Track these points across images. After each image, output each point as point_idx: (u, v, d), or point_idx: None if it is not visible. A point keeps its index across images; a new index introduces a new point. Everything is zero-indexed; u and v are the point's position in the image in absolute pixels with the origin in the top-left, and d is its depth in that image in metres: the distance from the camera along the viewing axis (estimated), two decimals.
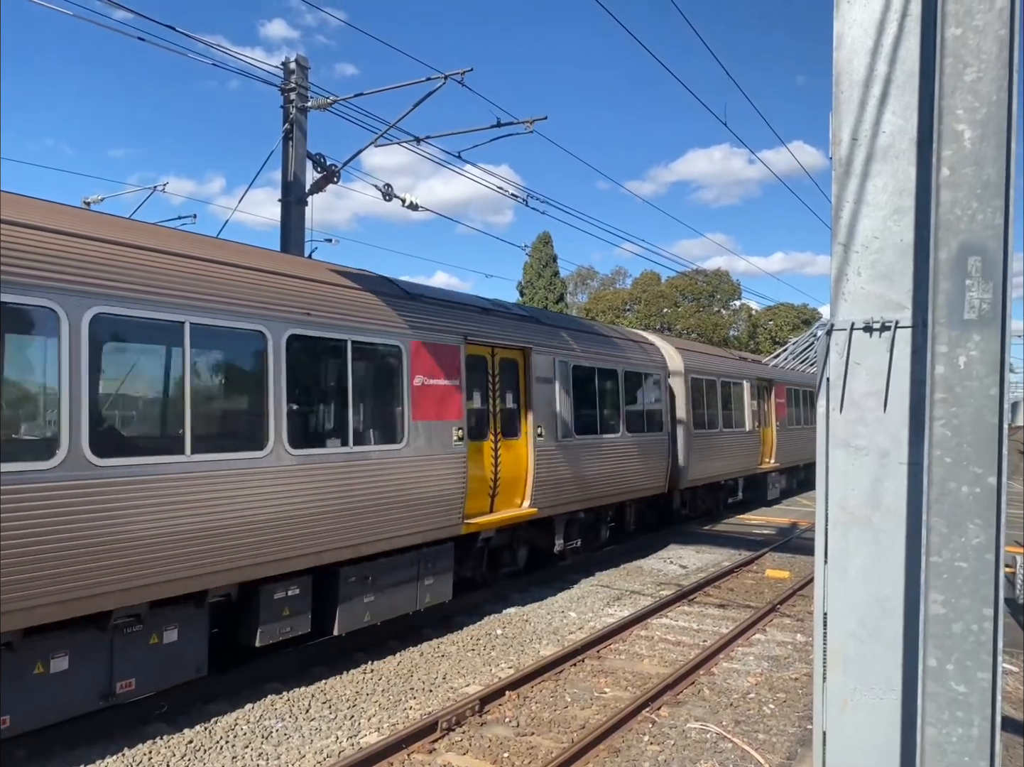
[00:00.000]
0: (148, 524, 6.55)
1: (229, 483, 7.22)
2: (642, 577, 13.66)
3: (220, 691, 7.76)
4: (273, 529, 7.55)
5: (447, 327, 10.13)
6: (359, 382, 8.77)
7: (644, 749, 6.73)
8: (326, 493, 8.14)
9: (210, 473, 7.06)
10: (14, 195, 6.36)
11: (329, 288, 8.64)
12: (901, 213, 3.73)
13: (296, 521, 7.79)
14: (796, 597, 12.11)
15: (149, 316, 6.72)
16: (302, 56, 13.72)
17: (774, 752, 6.72)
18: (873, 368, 3.82)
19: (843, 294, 3.89)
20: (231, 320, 7.39)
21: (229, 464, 7.25)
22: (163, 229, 8.08)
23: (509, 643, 9.66)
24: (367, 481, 8.64)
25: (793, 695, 8.06)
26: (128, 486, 6.44)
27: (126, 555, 6.38)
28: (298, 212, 13.84)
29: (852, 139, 3.83)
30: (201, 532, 6.94)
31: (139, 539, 6.48)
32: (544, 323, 12.95)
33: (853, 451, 3.86)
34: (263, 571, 7.54)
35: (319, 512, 8.04)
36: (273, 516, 7.56)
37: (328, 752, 6.56)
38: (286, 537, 7.69)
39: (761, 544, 16.94)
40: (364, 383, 8.93)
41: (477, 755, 6.56)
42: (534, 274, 54.82)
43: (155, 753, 6.46)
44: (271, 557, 7.56)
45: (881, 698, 3.67)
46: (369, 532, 8.64)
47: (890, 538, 3.73)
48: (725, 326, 64.90)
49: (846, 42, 3.85)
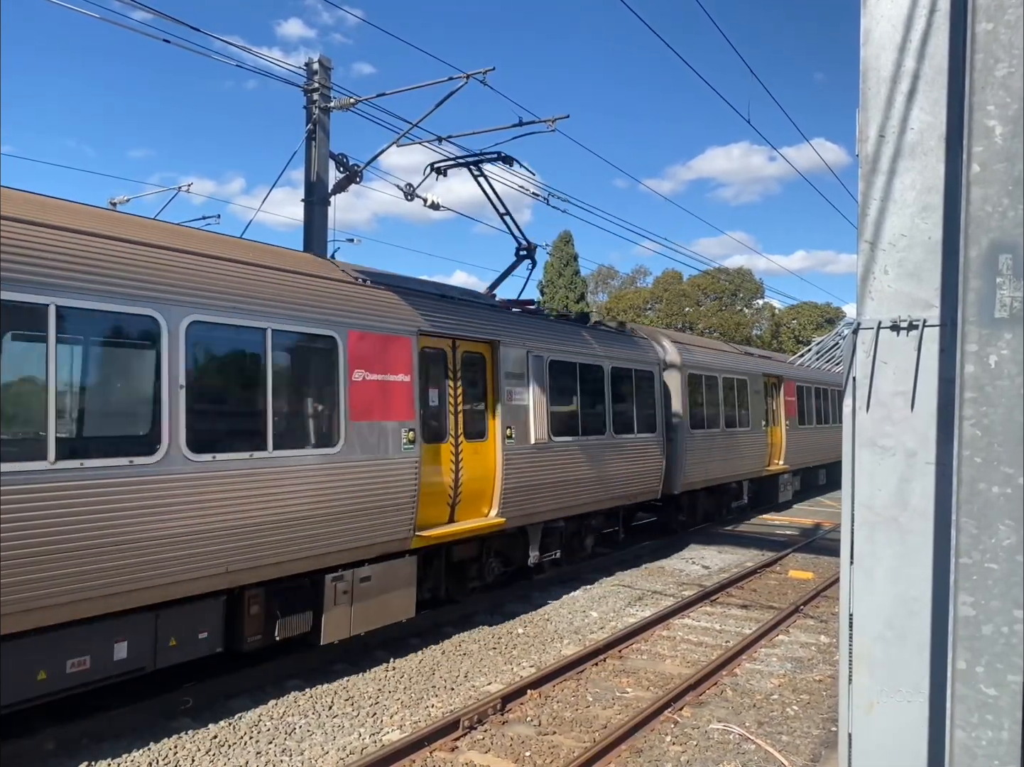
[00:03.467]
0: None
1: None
2: (664, 577, 13.61)
3: (244, 687, 7.83)
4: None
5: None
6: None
7: (666, 749, 6.71)
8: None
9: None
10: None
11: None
12: (929, 210, 3.68)
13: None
14: (820, 598, 12.01)
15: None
16: (325, 56, 13.78)
17: (798, 754, 6.67)
18: (900, 367, 3.77)
19: (870, 292, 3.84)
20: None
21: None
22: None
23: (530, 642, 9.66)
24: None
25: (817, 697, 8.00)
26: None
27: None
28: (321, 212, 13.91)
29: (879, 136, 3.79)
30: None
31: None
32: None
33: (879, 451, 3.82)
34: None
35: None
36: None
37: (351, 749, 6.60)
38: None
39: (784, 545, 16.82)
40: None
41: (499, 754, 6.57)
42: (555, 273, 54.74)
43: (180, 747, 6.53)
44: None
45: (908, 701, 3.63)
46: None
47: (917, 539, 3.68)
48: (748, 325, 64.50)
49: (873, 37, 3.81)
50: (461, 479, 10.12)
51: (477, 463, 10.40)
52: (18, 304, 5.80)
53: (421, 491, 9.13)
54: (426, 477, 9.33)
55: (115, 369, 6.98)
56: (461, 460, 10.14)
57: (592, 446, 12.75)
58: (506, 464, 10.62)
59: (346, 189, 14.19)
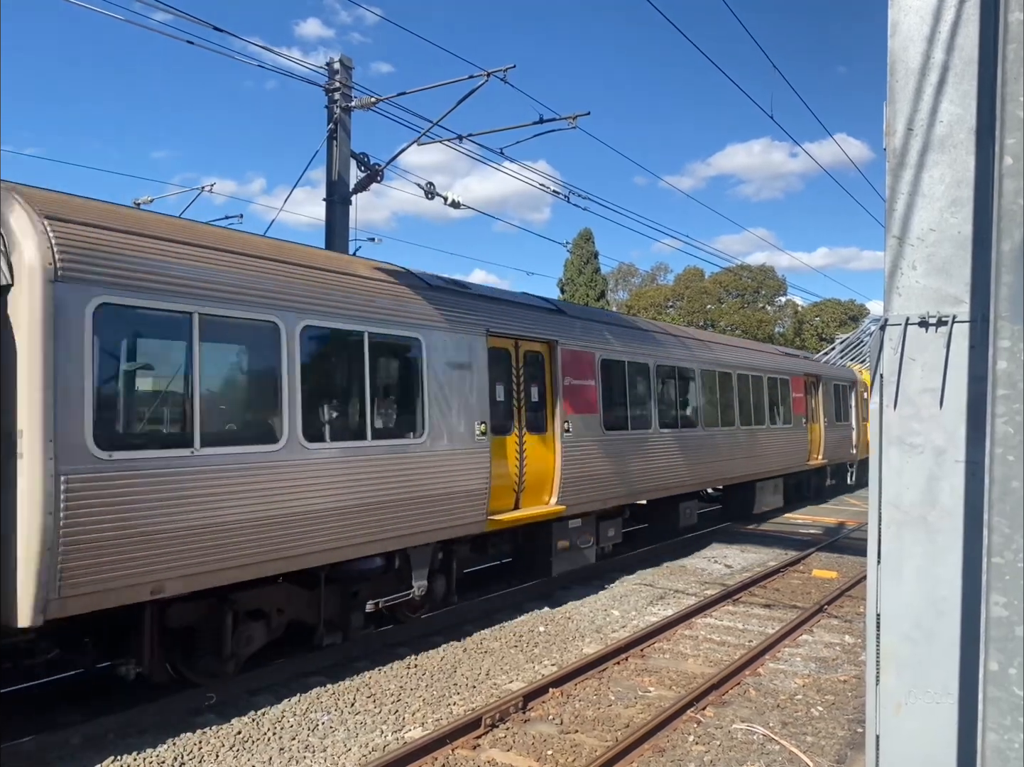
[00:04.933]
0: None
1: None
2: (686, 576, 13.54)
3: (267, 684, 7.88)
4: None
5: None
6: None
7: (689, 749, 6.67)
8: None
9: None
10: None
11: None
12: (959, 204, 3.62)
13: None
14: (844, 598, 11.89)
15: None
16: (346, 56, 13.84)
17: (823, 755, 6.61)
18: (929, 364, 3.72)
19: (897, 288, 3.79)
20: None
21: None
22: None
23: (552, 640, 9.64)
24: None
25: (842, 697, 7.92)
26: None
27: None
28: (342, 211, 13.97)
29: (907, 129, 3.73)
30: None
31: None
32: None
33: (907, 448, 3.77)
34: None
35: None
36: None
37: (373, 746, 6.61)
38: None
39: (807, 544, 16.68)
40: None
41: (521, 752, 6.57)
42: (575, 271, 54.69)
43: (205, 743, 6.58)
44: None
45: (937, 702, 3.58)
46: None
47: (946, 538, 3.63)
48: (770, 323, 64.04)
49: (901, 29, 3.75)
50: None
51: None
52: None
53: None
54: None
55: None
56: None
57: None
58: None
59: (367, 188, 14.24)
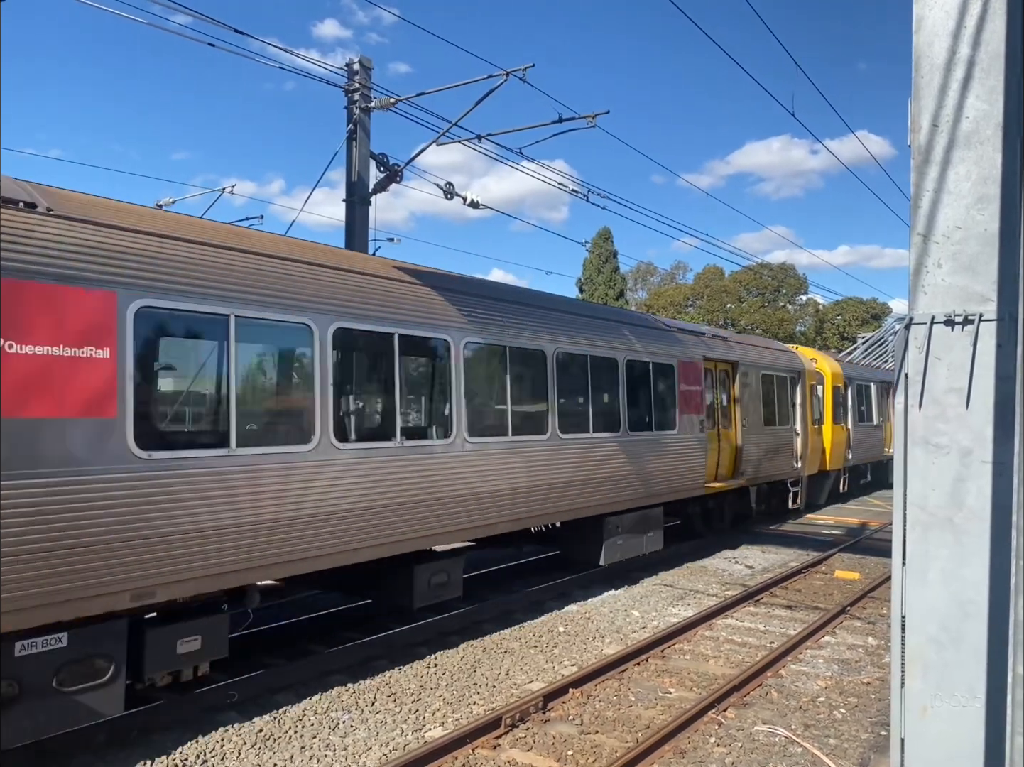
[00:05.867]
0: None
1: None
2: (706, 577, 13.47)
3: (288, 682, 7.92)
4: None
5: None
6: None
7: (711, 751, 6.64)
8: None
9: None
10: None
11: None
12: (985, 202, 3.57)
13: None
14: (867, 599, 11.78)
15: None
16: (365, 57, 13.89)
17: (846, 758, 6.55)
18: (955, 363, 3.67)
19: (922, 286, 3.75)
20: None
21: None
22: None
23: (571, 641, 9.63)
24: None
25: (865, 700, 7.85)
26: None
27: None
28: (362, 212, 14.02)
29: (933, 125, 3.68)
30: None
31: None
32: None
33: (933, 449, 3.72)
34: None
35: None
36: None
37: (394, 745, 6.63)
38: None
39: (829, 544, 16.55)
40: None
41: (541, 752, 6.56)
42: (594, 270, 54.59)
43: (227, 741, 6.62)
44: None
45: (964, 706, 3.53)
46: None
47: (973, 540, 3.58)
48: (791, 322, 63.60)
49: (926, 24, 3.71)
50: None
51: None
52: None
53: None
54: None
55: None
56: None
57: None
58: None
59: (387, 188, 14.29)
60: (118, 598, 6.11)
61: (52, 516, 5.71)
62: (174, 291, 6.63)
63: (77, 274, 5.97)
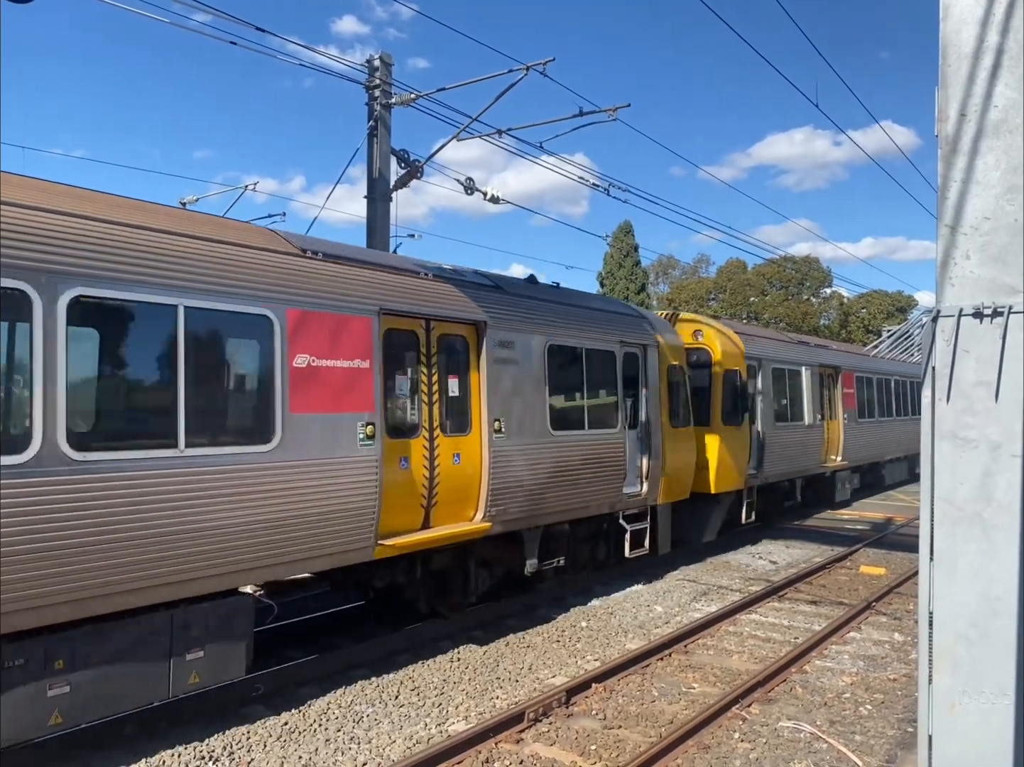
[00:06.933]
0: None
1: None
2: (729, 572, 13.40)
3: (312, 675, 7.98)
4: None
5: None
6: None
7: (735, 746, 6.61)
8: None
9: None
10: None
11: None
12: (1015, 191, 3.52)
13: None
14: (893, 595, 11.67)
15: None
16: (386, 53, 13.90)
17: (872, 754, 6.49)
18: (983, 356, 3.62)
19: (950, 278, 3.70)
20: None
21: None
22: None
23: (594, 636, 9.62)
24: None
25: (891, 696, 7.78)
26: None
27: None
28: (383, 208, 14.06)
29: (960, 115, 3.63)
30: None
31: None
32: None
33: (961, 443, 3.68)
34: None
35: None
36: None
37: (417, 738, 6.66)
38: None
39: (854, 540, 16.39)
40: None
41: (564, 746, 6.56)
42: (615, 264, 54.32)
43: (253, 733, 6.69)
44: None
45: (993, 702, 3.49)
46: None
47: (1002, 535, 3.54)
48: (815, 315, 63.01)
49: (954, 13, 3.65)
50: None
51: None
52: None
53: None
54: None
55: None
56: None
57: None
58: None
59: (407, 184, 14.31)
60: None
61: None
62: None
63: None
